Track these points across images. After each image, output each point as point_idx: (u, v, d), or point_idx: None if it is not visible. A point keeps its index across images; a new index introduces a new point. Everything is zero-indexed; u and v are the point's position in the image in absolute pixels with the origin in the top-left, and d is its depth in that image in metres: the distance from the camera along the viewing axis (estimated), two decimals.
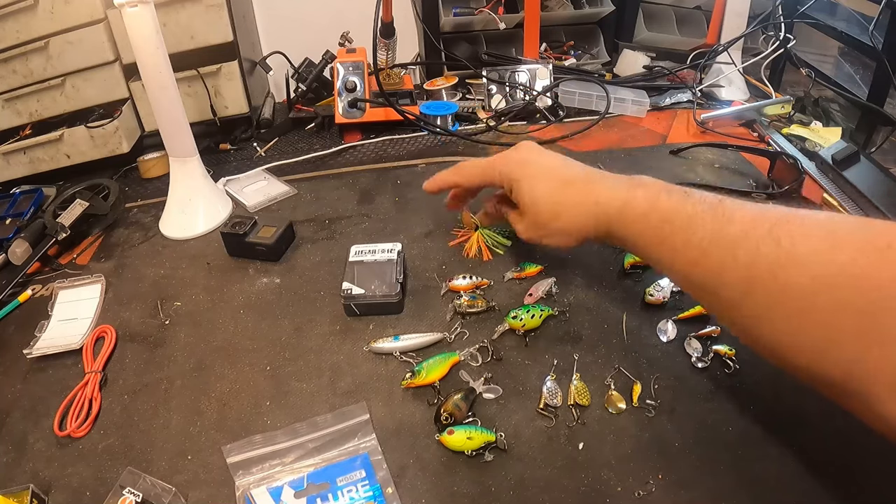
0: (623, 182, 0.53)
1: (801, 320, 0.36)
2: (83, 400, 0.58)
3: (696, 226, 0.44)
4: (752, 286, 0.39)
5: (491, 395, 0.55)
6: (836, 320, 0.34)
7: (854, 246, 0.35)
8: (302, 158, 0.98)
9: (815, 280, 0.35)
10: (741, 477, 0.48)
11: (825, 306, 0.35)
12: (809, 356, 0.36)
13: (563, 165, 0.59)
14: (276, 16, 1.32)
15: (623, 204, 0.51)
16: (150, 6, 0.71)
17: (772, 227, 0.39)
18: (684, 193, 0.47)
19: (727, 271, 0.41)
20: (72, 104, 0.97)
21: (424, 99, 1.11)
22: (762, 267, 0.38)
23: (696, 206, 0.45)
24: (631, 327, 0.62)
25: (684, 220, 0.45)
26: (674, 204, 0.46)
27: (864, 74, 1.04)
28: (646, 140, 0.99)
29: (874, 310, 0.32)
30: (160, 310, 0.69)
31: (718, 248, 0.42)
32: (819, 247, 0.36)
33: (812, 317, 0.36)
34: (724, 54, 1.11)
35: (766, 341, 0.40)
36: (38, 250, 0.78)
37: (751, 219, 0.41)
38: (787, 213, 0.40)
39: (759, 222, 0.40)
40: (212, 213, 0.84)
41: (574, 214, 0.55)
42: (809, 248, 0.36)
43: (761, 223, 0.40)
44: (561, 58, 1.24)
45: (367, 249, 0.70)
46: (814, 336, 0.36)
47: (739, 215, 0.42)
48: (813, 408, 0.53)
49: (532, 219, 0.59)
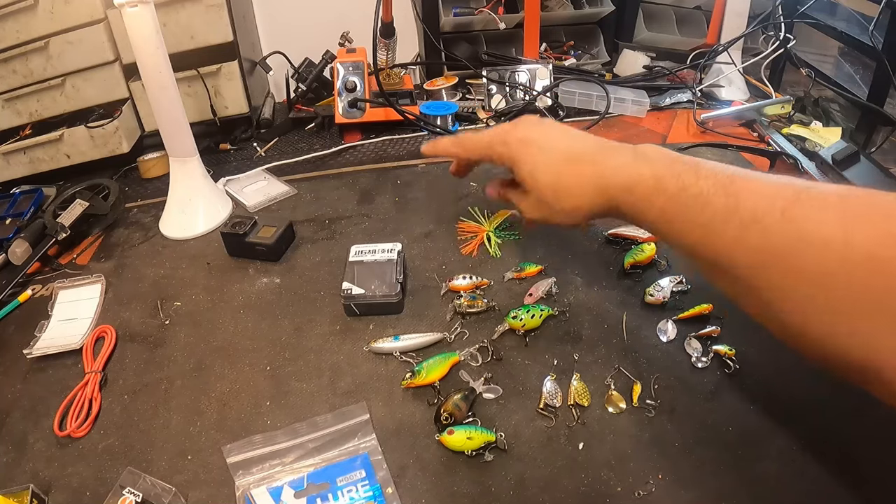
0: (628, 156, 0.50)
1: (815, 303, 0.36)
2: (83, 400, 0.58)
3: (703, 204, 0.42)
4: (765, 267, 0.38)
5: (491, 395, 0.55)
6: (853, 303, 0.34)
7: (870, 228, 0.34)
8: (302, 158, 0.98)
9: (830, 263, 0.34)
10: (741, 477, 0.48)
11: (841, 288, 0.34)
12: (826, 338, 0.36)
13: (566, 140, 0.55)
14: (276, 16, 1.32)
15: (629, 181, 0.49)
16: (150, 6, 0.71)
17: (785, 208, 0.37)
18: (693, 168, 0.45)
19: (738, 252, 0.40)
20: (72, 104, 0.97)
21: (424, 99, 1.11)
22: (776, 249, 0.37)
23: (705, 182, 0.43)
24: (631, 327, 0.62)
25: (691, 199, 0.43)
26: (681, 182, 0.45)
27: (864, 74, 1.04)
28: (646, 140, 0.98)
29: (892, 292, 0.32)
30: (160, 310, 0.69)
31: (728, 227, 0.40)
32: (834, 231, 0.35)
33: (827, 299, 0.35)
34: (724, 54, 1.11)
35: (780, 321, 0.39)
36: (38, 250, 0.78)
37: (763, 196, 0.39)
38: (801, 190, 0.38)
39: (772, 201, 0.38)
40: (212, 213, 0.84)
41: (579, 194, 0.52)
42: (825, 232, 0.35)
43: (774, 202, 0.38)
44: (561, 58, 1.24)
45: (367, 249, 0.70)
46: (830, 320, 0.35)
47: (750, 192, 0.40)
48: (813, 407, 0.53)
49: (536, 199, 0.56)
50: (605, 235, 0.74)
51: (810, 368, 0.57)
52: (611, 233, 0.74)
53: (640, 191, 0.48)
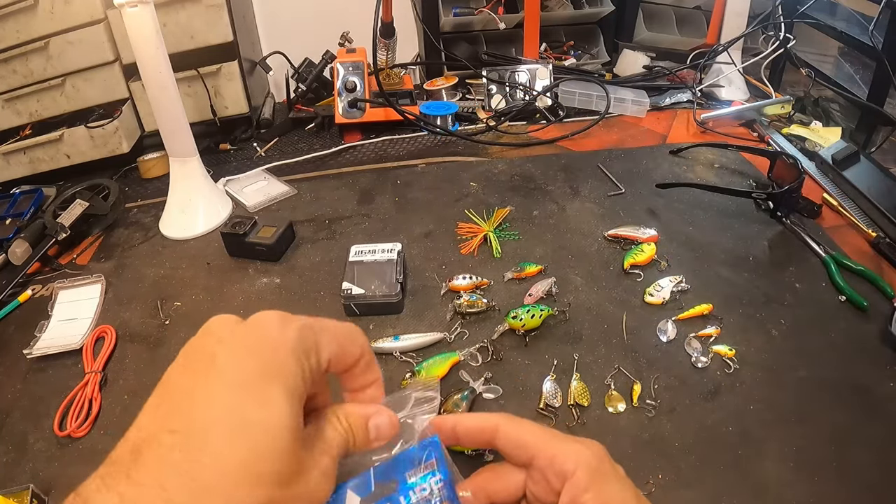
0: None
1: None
2: (83, 400, 0.58)
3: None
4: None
5: (491, 395, 0.55)
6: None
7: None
8: (302, 158, 0.98)
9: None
10: (741, 477, 0.48)
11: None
12: None
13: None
14: (276, 16, 1.32)
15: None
16: (150, 6, 0.71)
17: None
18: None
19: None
20: (72, 104, 0.97)
21: (424, 99, 1.11)
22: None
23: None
24: (631, 327, 0.62)
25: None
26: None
27: (864, 74, 1.04)
28: (646, 140, 0.99)
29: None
30: (160, 310, 0.69)
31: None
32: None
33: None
34: (724, 54, 1.11)
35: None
36: (38, 250, 0.78)
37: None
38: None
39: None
40: (212, 213, 0.84)
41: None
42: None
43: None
44: (561, 58, 1.24)
45: (367, 249, 0.70)
46: None
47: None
48: (813, 407, 0.53)
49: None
50: (605, 235, 0.75)
51: (810, 369, 0.57)
52: (611, 233, 0.74)
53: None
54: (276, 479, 0.24)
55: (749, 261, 0.70)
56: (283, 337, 0.27)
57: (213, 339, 0.27)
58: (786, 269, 0.69)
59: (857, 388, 0.55)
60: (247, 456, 0.23)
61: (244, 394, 0.25)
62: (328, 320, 0.30)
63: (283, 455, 0.24)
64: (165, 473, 0.22)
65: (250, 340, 0.27)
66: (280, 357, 0.26)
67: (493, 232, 0.75)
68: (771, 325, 0.62)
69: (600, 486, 0.31)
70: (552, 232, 0.76)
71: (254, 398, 0.25)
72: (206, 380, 0.25)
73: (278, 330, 0.27)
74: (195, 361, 0.26)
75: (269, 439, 0.24)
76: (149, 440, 0.23)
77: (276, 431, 0.24)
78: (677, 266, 0.69)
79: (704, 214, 0.79)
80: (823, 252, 0.70)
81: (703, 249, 0.72)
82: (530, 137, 1.01)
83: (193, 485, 0.22)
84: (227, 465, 0.23)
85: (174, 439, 0.23)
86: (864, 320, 0.62)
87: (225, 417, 0.24)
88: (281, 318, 0.28)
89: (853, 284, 0.65)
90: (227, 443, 0.23)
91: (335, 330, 0.30)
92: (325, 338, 0.29)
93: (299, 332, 0.28)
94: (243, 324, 0.28)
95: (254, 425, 0.24)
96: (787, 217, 0.76)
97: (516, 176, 0.89)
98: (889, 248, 0.71)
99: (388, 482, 0.33)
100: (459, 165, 0.94)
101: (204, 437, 0.23)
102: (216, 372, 0.25)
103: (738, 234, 0.75)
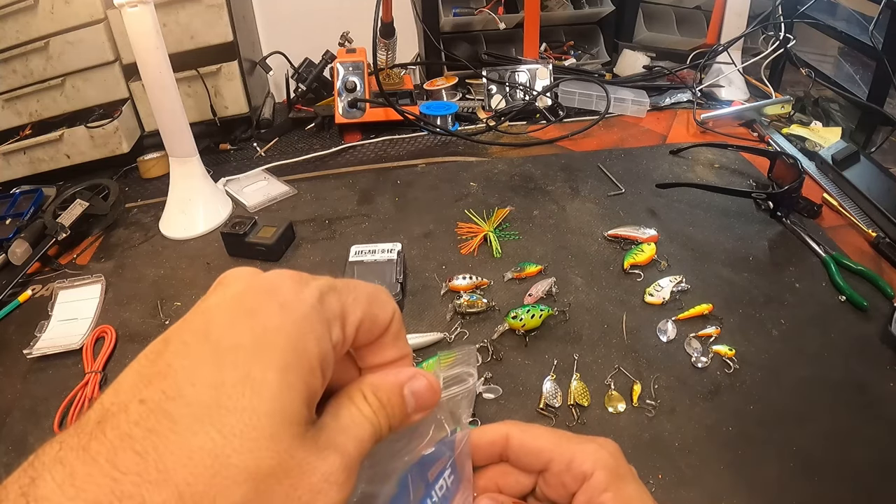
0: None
1: None
2: (83, 400, 0.58)
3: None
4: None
5: (491, 395, 0.55)
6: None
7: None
8: (302, 158, 0.98)
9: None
10: (741, 477, 0.48)
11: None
12: None
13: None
14: (276, 16, 1.32)
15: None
16: (150, 6, 0.71)
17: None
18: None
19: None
20: (72, 104, 0.97)
21: (424, 99, 1.11)
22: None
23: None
24: (631, 327, 0.62)
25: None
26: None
27: (864, 74, 1.04)
28: (646, 140, 0.99)
29: None
30: (160, 310, 0.69)
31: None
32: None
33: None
34: (724, 54, 1.10)
35: None
36: (38, 250, 0.78)
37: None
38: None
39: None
40: (212, 213, 0.84)
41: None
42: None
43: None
44: (561, 58, 1.24)
45: (367, 249, 0.70)
46: None
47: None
48: (812, 407, 0.53)
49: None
50: (605, 235, 0.75)
51: (810, 369, 0.57)
52: (610, 233, 0.74)
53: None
54: (250, 476, 0.20)
55: (749, 261, 0.70)
56: (297, 300, 0.22)
57: (216, 298, 0.23)
58: (786, 269, 0.69)
59: (857, 388, 0.55)
60: (215, 446, 0.19)
61: (231, 372, 0.20)
62: (353, 280, 0.25)
63: (267, 450, 0.20)
64: (122, 451, 0.19)
65: (253, 303, 0.22)
66: (287, 328, 0.21)
67: (493, 232, 0.75)
68: (771, 325, 0.62)
69: (619, 486, 0.29)
70: (552, 232, 0.76)
71: (241, 378, 0.20)
72: (193, 348, 0.21)
73: (293, 293, 0.22)
74: (192, 322, 0.22)
75: (248, 429, 0.20)
76: (118, 406, 0.20)
77: (260, 420, 0.20)
78: (677, 266, 0.69)
79: (704, 214, 0.79)
80: (823, 252, 0.70)
81: (703, 249, 0.72)
82: (530, 137, 1.01)
83: (146, 468, 0.19)
84: (190, 453, 0.19)
85: (140, 410, 0.20)
86: (864, 320, 0.62)
87: (201, 396, 0.20)
88: (297, 279, 0.23)
89: (853, 284, 0.65)
90: (197, 426, 0.19)
91: (362, 290, 0.25)
92: (351, 301, 0.24)
93: (320, 295, 0.23)
94: (256, 279, 0.23)
95: (235, 411, 0.20)
96: (787, 217, 0.76)
97: (516, 176, 0.89)
98: (889, 248, 0.71)
99: (420, 482, 0.27)
100: (459, 165, 0.94)
101: (172, 416, 0.19)
102: (206, 339, 0.21)
103: (738, 234, 0.75)
